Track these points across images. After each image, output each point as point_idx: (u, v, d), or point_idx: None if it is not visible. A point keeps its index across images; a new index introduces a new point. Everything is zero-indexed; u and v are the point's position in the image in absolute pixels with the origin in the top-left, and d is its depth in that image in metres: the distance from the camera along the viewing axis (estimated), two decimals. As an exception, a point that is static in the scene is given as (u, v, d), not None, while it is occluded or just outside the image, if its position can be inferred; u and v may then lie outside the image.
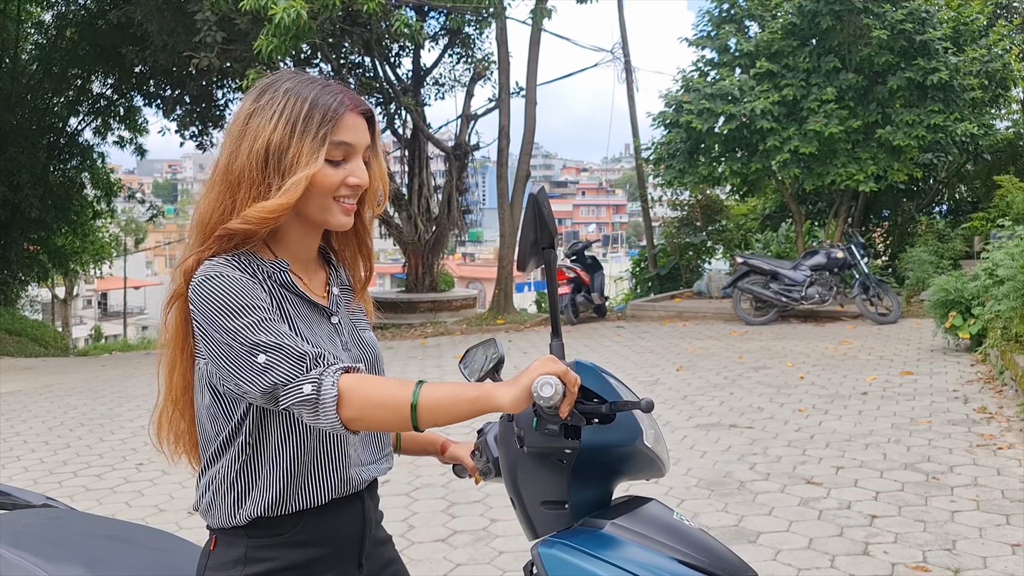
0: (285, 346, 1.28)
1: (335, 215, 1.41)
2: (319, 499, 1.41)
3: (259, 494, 1.38)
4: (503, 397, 1.24)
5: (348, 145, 1.39)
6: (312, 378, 1.26)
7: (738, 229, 15.94)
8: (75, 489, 4.82)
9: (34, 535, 1.75)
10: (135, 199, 23.23)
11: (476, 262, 49.51)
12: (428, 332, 12.63)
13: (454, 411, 1.26)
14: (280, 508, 1.39)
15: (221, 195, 1.38)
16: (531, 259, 1.49)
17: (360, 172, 1.41)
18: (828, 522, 3.87)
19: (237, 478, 1.39)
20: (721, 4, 13.53)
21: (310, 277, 1.48)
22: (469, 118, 15.81)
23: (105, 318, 41.50)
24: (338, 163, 1.39)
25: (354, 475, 1.45)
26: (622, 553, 1.32)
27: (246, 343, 1.28)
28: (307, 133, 1.36)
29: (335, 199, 1.40)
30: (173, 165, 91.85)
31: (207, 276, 1.32)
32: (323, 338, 1.42)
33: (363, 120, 1.42)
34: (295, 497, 1.39)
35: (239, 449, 1.38)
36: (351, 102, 1.41)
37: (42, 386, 8.80)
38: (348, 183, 1.40)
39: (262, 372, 1.27)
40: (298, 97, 1.38)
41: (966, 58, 11.84)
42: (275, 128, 1.37)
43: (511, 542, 3.71)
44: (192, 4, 11.42)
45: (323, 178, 1.38)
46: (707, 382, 7.30)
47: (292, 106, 1.38)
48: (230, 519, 1.40)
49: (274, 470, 1.38)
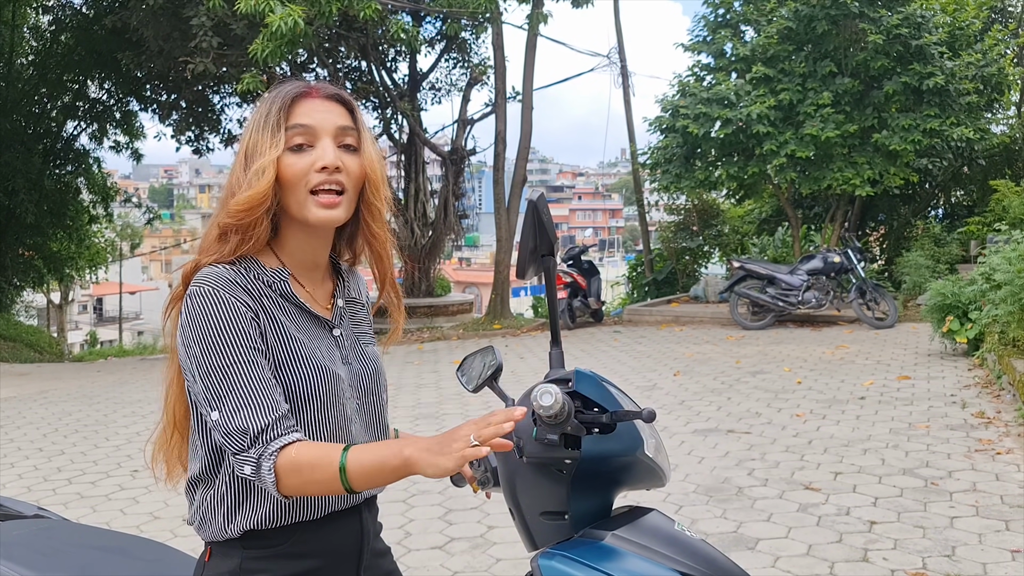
0: (237, 414, 1.28)
1: (311, 210, 1.36)
2: (315, 513, 1.39)
3: (252, 510, 1.36)
4: (427, 468, 1.20)
5: (306, 127, 1.36)
6: (251, 459, 1.27)
7: (735, 233, 15.94)
8: (69, 496, 4.78)
9: (26, 546, 1.73)
10: (131, 204, 23.20)
11: (472, 267, 49.53)
12: (424, 337, 12.61)
13: (379, 478, 1.25)
14: (275, 521, 1.37)
15: (223, 205, 1.40)
16: (530, 266, 1.48)
17: (326, 153, 1.35)
18: (827, 528, 3.85)
19: (228, 493, 1.37)
20: (717, 9, 13.54)
21: (315, 287, 1.45)
22: (465, 123, 15.81)
23: (101, 323, 41.40)
24: (301, 149, 1.36)
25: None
26: (623, 565, 1.30)
27: (209, 387, 1.29)
28: (267, 125, 1.37)
29: (312, 193, 1.36)
30: (169, 170, 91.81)
31: (196, 292, 1.31)
32: (322, 350, 1.40)
33: (331, 103, 1.40)
34: (289, 511, 1.37)
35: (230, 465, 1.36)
36: (310, 88, 1.40)
37: (37, 392, 8.76)
38: (316, 167, 1.35)
39: (213, 429, 1.30)
40: (265, 101, 1.40)
41: (962, 63, 11.87)
42: (250, 132, 1.39)
43: (509, 550, 3.68)
44: (188, 9, 11.41)
45: (286, 167, 1.35)
46: (704, 387, 7.29)
47: (262, 108, 1.40)
48: (222, 533, 1.38)
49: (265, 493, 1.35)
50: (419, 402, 7.14)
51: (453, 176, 15.75)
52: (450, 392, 7.46)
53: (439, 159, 16.19)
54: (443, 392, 7.55)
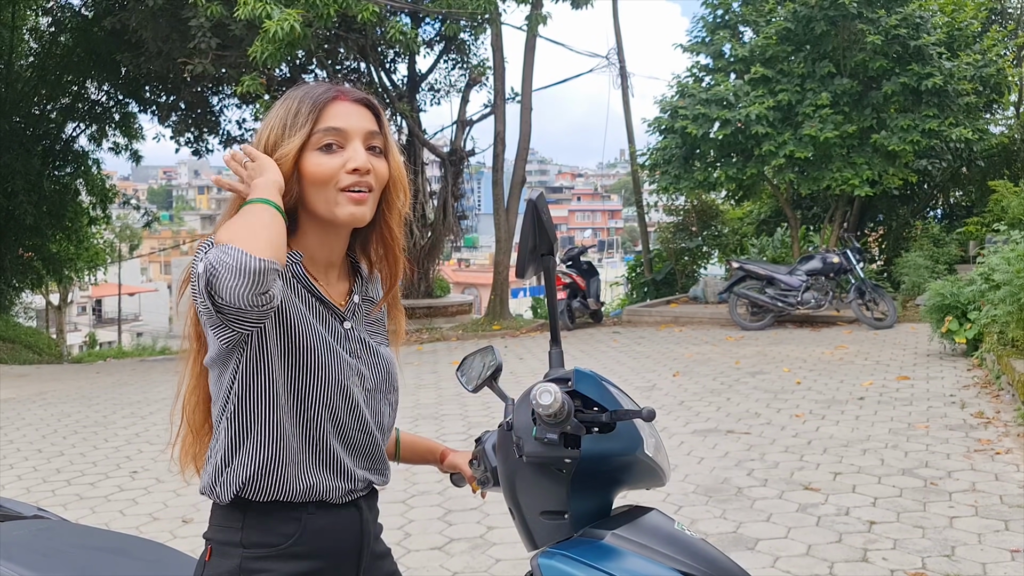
0: None
1: (343, 206, 1.37)
2: (305, 496, 1.39)
3: (239, 466, 1.37)
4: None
5: (338, 130, 1.38)
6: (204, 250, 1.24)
7: (734, 234, 15.95)
8: (68, 497, 4.78)
9: (25, 547, 1.73)
10: (130, 205, 23.17)
11: (472, 268, 49.50)
12: (424, 338, 12.61)
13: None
14: (260, 491, 1.37)
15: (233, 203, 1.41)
16: (530, 265, 1.48)
17: (358, 155, 1.38)
18: (826, 528, 3.86)
19: (222, 448, 1.38)
20: (716, 10, 13.55)
21: (329, 282, 1.46)
22: (465, 124, 15.81)
23: (100, 325, 41.36)
24: (331, 150, 1.38)
25: (348, 476, 1.42)
26: (623, 564, 1.30)
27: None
28: (294, 126, 1.38)
29: (342, 191, 1.37)
30: (168, 171, 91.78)
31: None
32: (327, 335, 1.40)
33: (360, 108, 1.42)
34: (277, 484, 1.37)
35: (228, 421, 1.37)
36: (341, 92, 1.42)
37: (36, 393, 8.75)
38: (348, 168, 1.37)
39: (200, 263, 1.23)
40: (292, 99, 1.41)
41: (960, 63, 11.88)
42: (271, 131, 1.40)
43: (509, 550, 3.68)
44: (187, 11, 11.40)
45: (316, 167, 1.37)
46: (704, 387, 7.29)
47: (286, 108, 1.41)
48: (212, 484, 1.39)
49: (256, 448, 1.36)
50: (418, 403, 7.13)
51: (452, 177, 15.74)
52: (449, 393, 7.46)
53: (438, 160, 16.18)
54: (442, 393, 7.55)
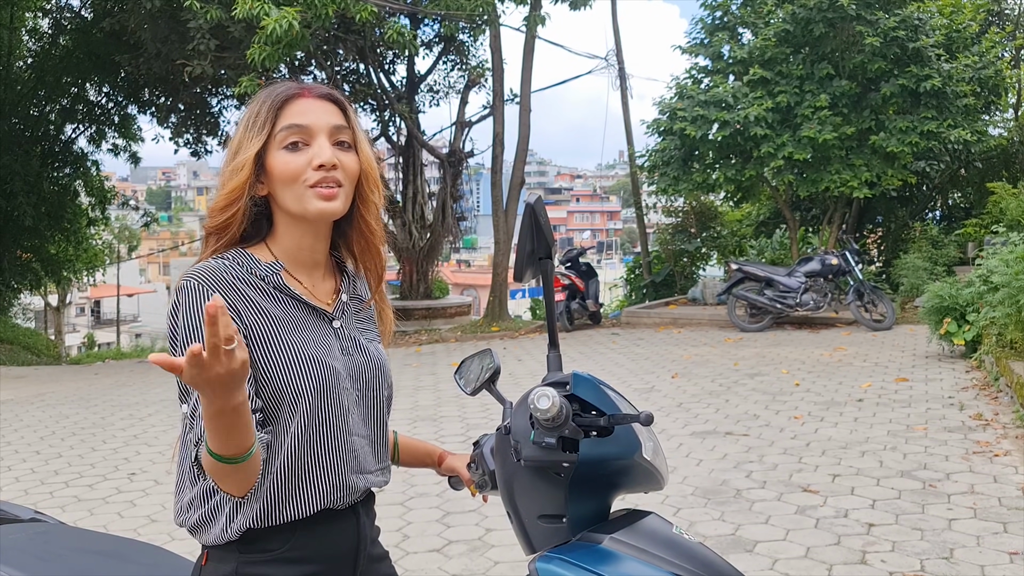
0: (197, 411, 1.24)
1: (312, 202, 1.37)
2: (307, 509, 1.38)
3: (246, 506, 1.35)
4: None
5: (301, 127, 1.38)
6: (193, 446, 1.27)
7: (732, 236, 15.95)
8: (66, 500, 4.77)
9: (22, 550, 1.72)
10: (129, 206, 23.17)
11: (471, 269, 49.48)
12: (423, 339, 12.60)
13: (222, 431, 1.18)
14: (267, 520, 1.36)
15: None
16: (528, 269, 1.47)
17: (323, 151, 1.37)
18: (825, 530, 3.85)
19: (225, 497, 1.35)
20: (714, 12, 13.55)
21: (314, 283, 1.45)
22: (463, 125, 15.81)
23: (98, 326, 41.31)
24: (296, 148, 1.37)
25: (349, 482, 1.42)
26: (621, 568, 1.30)
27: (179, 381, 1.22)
28: (255, 127, 1.38)
29: (311, 187, 1.37)
30: (167, 172, 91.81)
31: (178, 287, 1.33)
32: (316, 341, 1.40)
33: (324, 103, 1.41)
34: (282, 508, 1.36)
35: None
36: (304, 89, 1.41)
37: (34, 395, 8.74)
38: (314, 165, 1.36)
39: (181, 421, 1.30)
40: (256, 100, 1.42)
41: (959, 65, 11.89)
42: (237, 135, 1.40)
43: (507, 552, 3.68)
44: (185, 12, 11.40)
45: (283, 166, 1.37)
46: (702, 389, 7.28)
47: (251, 110, 1.41)
48: (222, 534, 1.37)
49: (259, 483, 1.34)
50: (417, 404, 7.13)
51: (451, 178, 15.74)
52: (448, 395, 7.46)
53: (437, 161, 16.18)
54: (441, 395, 7.55)
